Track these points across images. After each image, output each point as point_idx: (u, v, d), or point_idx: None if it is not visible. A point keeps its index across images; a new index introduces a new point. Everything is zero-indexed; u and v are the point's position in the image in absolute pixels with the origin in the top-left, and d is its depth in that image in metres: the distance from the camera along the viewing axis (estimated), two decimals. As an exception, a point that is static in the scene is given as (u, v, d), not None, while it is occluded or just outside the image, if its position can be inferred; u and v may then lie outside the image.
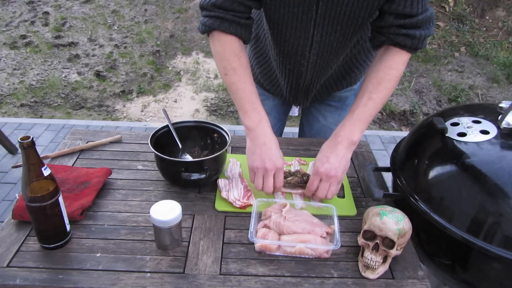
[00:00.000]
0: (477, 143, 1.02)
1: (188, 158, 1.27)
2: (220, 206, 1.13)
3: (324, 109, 1.52)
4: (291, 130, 3.09)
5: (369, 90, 1.10)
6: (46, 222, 0.94)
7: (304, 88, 1.35)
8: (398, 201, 1.14)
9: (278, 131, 1.62)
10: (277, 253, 0.99)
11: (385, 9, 1.07)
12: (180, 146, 1.24)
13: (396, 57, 1.11)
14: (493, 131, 1.03)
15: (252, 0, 1.10)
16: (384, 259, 0.95)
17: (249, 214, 1.07)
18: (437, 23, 4.92)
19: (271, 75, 1.41)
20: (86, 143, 1.37)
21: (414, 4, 1.03)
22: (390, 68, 1.10)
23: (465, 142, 1.03)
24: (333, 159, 1.08)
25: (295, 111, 1.58)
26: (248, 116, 1.12)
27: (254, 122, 1.11)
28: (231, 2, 1.07)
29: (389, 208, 0.98)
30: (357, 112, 1.10)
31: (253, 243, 1.00)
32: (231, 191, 1.15)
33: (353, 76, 1.40)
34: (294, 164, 1.31)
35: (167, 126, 1.25)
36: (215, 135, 1.27)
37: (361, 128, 1.11)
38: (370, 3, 1.05)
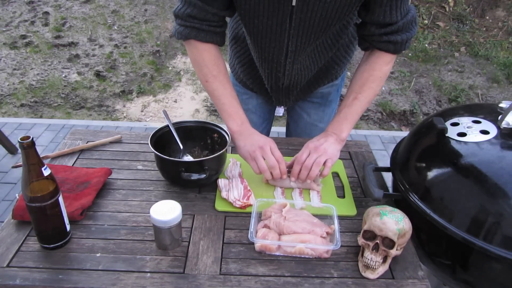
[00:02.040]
0: (477, 143, 1.02)
1: (188, 158, 1.27)
2: (220, 206, 1.13)
3: (308, 106, 1.55)
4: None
5: (355, 91, 1.19)
6: (46, 222, 0.94)
7: (284, 89, 1.37)
8: (398, 201, 1.14)
9: (264, 130, 1.64)
10: (277, 253, 0.99)
11: (366, 20, 1.11)
12: (182, 147, 1.25)
13: (380, 59, 1.17)
14: (493, 131, 1.03)
15: (225, 10, 1.12)
16: (384, 259, 0.95)
17: (249, 214, 1.07)
18: (437, 23, 4.92)
19: (254, 74, 1.42)
20: (86, 143, 1.37)
21: (393, 13, 1.07)
22: (374, 70, 1.18)
23: (465, 142, 1.03)
24: (323, 141, 1.16)
25: (279, 111, 1.59)
26: (232, 119, 1.19)
27: (238, 123, 1.18)
28: (205, 13, 1.10)
29: (389, 208, 0.98)
30: (343, 112, 1.19)
31: (253, 243, 1.00)
32: (231, 191, 1.15)
33: (334, 72, 1.43)
34: (294, 164, 1.31)
35: (167, 126, 1.25)
36: (215, 135, 1.27)
37: (348, 126, 1.19)
38: (342, 13, 1.08)
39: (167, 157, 1.12)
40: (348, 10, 1.07)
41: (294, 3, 1.05)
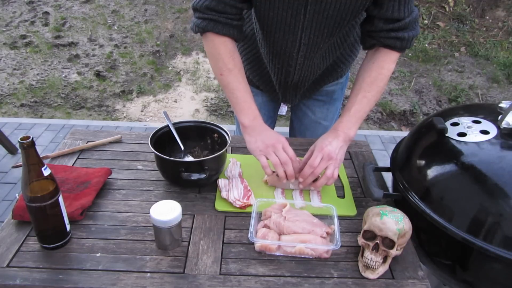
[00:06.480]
0: (477, 143, 1.02)
1: (188, 158, 1.27)
2: (220, 206, 1.13)
3: (313, 104, 1.55)
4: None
5: (363, 89, 1.18)
6: (46, 222, 0.94)
7: (293, 85, 1.38)
8: (398, 201, 1.14)
9: None
10: (277, 253, 0.99)
11: (374, 14, 1.12)
12: (182, 148, 1.25)
13: (387, 57, 1.18)
14: (493, 131, 1.03)
15: (243, 2, 1.13)
16: (384, 259, 0.95)
17: (249, 214, 1.07)
18: (437, 23, 4.92)
19: (261, 71, 1.42)
20: (86, 143, 1.37)
21: (401, 9, 1.09)
22: (382, 68, 1.18)
23: (465, 142, 1.03)
24: (335, 144, 1.14)
25: (283, 110, 1.59)
26: (245, 113, 1.17)
27: (250, 118, 1.17)
28: (223, 5, 1.10)
29: (389, 208, 0.98)
30: (353, 110, 1.18)
31: (253, 243, 1.00)
32: (231, 191, 1.15)
33: (340, 71, 1.44)
34: (294, 164, 1.31)
35: (167, 126, 1.25)
36: (215, 135, 1.27)
37: (357, 124, 1.18)
38: (356, 6, 1.09)
39: (167, 157, 1.12)
40: (362, 4, 1.08)
41: None
